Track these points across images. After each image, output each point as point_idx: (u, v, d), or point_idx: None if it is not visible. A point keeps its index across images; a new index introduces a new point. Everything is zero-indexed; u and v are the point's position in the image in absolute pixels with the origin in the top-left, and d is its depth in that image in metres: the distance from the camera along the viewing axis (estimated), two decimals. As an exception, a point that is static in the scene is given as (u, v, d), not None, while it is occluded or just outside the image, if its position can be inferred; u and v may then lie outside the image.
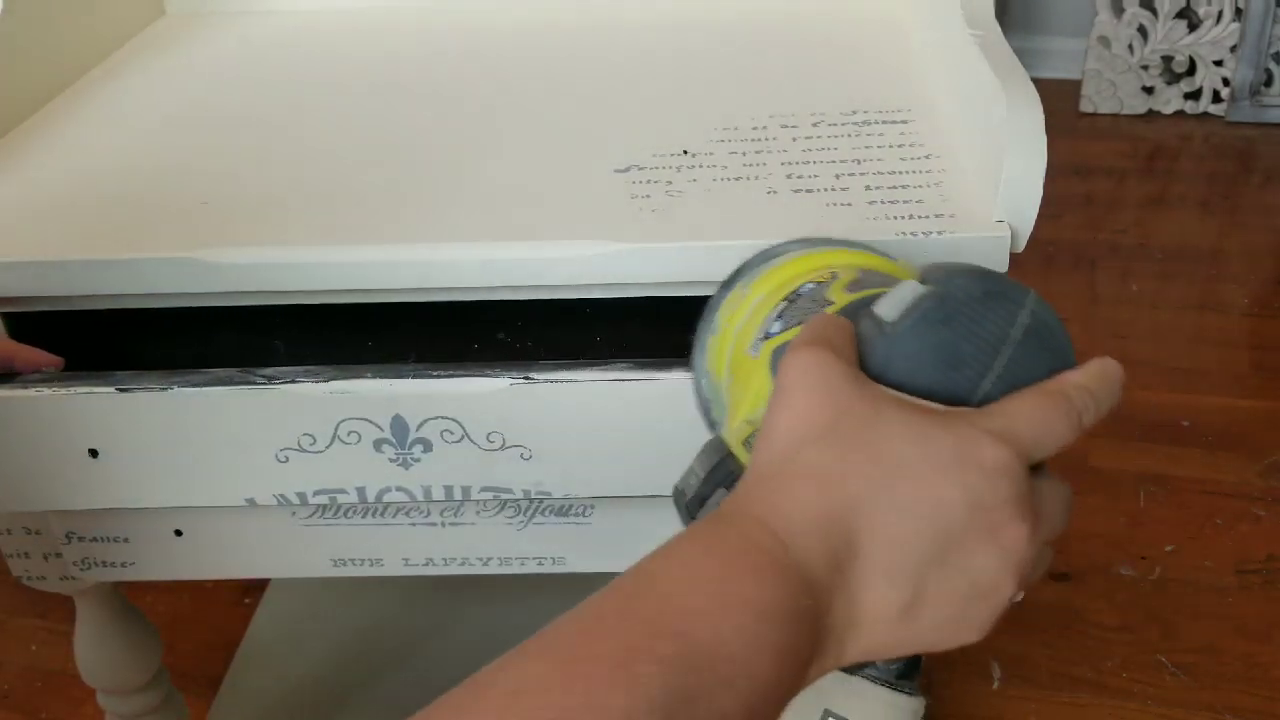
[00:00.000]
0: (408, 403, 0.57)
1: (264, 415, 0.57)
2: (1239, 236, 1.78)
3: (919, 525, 0.37)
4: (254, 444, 0.58)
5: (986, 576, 0.38)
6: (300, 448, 0.58)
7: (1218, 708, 1.02)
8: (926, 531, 0.37)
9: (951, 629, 0.39)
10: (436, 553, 0.67)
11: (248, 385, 0.57)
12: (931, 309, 0.42)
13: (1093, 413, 0.40)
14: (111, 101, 0.79)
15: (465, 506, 0.64)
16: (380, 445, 0.58)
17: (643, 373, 0.56)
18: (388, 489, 0.59)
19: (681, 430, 0.57)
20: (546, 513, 0.65)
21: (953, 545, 0.37)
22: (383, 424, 0.57)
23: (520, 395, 0.56)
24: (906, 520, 0.37)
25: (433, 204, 0.63)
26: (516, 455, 0.58)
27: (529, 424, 0.57)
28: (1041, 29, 2.30)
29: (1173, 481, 1.28)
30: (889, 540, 0.37)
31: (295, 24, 0.92)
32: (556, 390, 0.56)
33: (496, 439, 0.57)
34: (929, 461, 0.37)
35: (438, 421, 0.57)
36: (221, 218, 0.62)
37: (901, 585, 0.37)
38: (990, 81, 0.58)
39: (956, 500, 0.37)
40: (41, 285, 0.60)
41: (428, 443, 0.58)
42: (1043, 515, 0.39)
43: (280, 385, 0.57)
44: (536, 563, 0.66)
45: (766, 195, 0.61)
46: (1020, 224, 0.56)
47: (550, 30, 0.87)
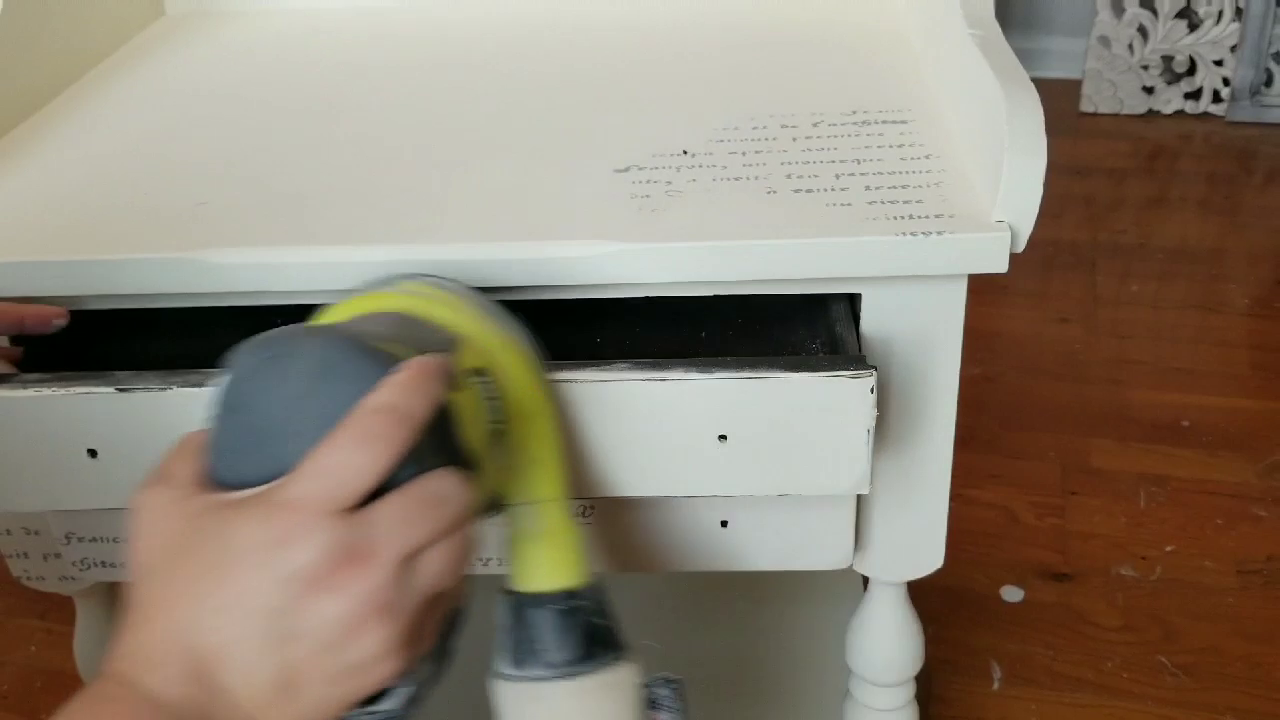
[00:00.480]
0: None
1: None
2: (1239, 237, 1.78)
3: (243, 619, 0.39)
4: None
5: (339, 624, 0.39)
6: None
7: (1218, 708, 1.02)
8: (253, 620, 0.39)
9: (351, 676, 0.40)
10: None
11: None
12: (224, 400, 0.43)
13: (397, 423, 0.41)
14: (111, 102, 0.79)
15: None
16: None
17: (642, 373, 0.56)
18: None
19: (681, 431, 0.57)
20: None
21: (285, 619, 0.39)
22: None
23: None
24: (231, 620, 0.39)
25: (433, 204, 0.63)
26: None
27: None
28: (1042, 29, 2.30)
29: (1173, 482, 1.28)
30: (229, 641, 0.39)
31: (295, 24, 0.92)
32: (556, 390, 0.56)
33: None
34: (231, 558, 0.39)
35: None
36: (221, 218, 0.62)
37: (262, 672, 0.39)
38: (990, 81, 0.58)
39: (264, 583, 0.39)
40: (41, 285, 0.60)
41: None
42: (376, 543, 0.40)
43: None
44: None
45: (766, 195, 0.61)
46: (1020, 224, 0.56)
47: (550, 30, 0.87)
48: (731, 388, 0.55)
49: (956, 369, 0.62)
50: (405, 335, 0.48)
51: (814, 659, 0.97)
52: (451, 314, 0.52)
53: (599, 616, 0.53)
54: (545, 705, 0.52)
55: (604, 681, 0.52)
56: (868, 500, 0.66)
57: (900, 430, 0.64)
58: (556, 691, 0.52)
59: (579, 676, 0.52)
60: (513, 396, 0.51)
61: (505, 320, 0.54)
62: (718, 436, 0.57)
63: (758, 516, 0.64)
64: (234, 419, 0.43)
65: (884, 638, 0.75)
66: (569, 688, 0.52)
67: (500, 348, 0.52)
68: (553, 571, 0.52)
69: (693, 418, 0.56)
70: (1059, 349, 1.51)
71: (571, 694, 0.52)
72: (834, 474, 0.58)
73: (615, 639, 0.54)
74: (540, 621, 0.52)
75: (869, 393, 0.55)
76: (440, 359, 0.44)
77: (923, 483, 0.66)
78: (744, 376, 0.55)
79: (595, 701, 0.52)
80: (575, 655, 0.52)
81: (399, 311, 0.51)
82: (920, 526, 0.67)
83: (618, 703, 0.52)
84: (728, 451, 0.57)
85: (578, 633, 0.52)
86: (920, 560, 0.69)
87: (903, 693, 0.77)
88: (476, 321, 0.52)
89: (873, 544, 0.68)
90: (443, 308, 0.52)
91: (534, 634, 0.52)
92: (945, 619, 1.11)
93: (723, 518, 0.65)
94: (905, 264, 0.57)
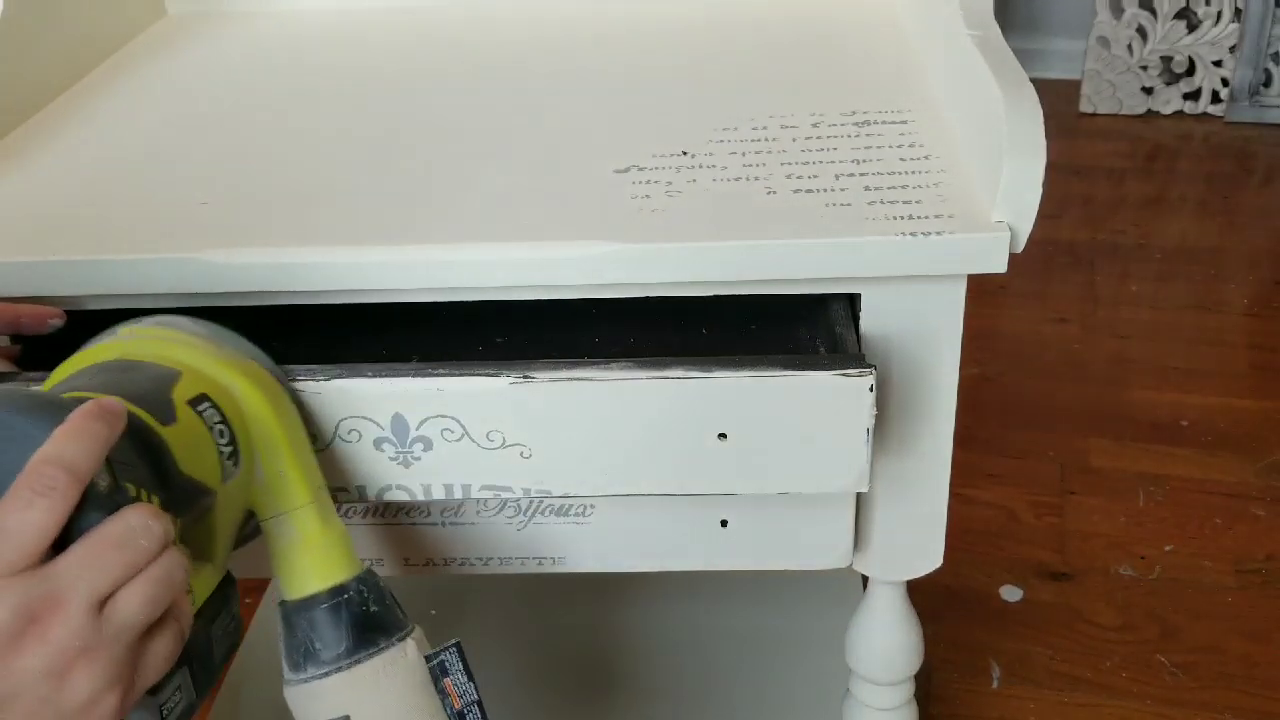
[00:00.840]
0: (408, 401, 0.57)
1: None
2: (1238, 237, 1.78)
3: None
4: None
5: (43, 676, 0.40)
6: None
7: (1217, 707, 1.02)
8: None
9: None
10: (436, 553, 0.67)
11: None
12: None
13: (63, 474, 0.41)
14: (113, 102, 0.79)
15: (465, 506, 0.65)
16: (380, 444, 0.58)
17: (642, 372, 0.56)
18: (388, 488, 0.59)
19: (680, 430, 0.57)
20: (546, 512, 0.65)
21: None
22: (383, 423, 0.57)
23: (520, 394, 0.56)
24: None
25: (433, 204, 0.63)
26: (516, 454, 0.58)
27: (528, 423, 0.57)
28: (1041, 29, 2.30)
29: (1172, 481, 1.28)
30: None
31: (296, 24, 0.92)
32: (556, 389, 0.56)
33: (496, 438, 0.57)
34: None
35: (438, 420, 0.57)
36: (221, 218, 0.63)
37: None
38: (990, 82, 0.58)
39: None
40: (42, 285, 0.60)
41: (428, 441, 0.58)
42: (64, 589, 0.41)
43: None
44: (536, 562, 0.67)
45: (766, 195, 0.61)
46: (1020, 224, 0.56)
47: (550, 30, 0.87)
48: (731, 387, 0.55)
49: (956, 369, 0.62)
50: (118, 381, 0.49)
51: (814, 659, 0.97)
52: (165, 349, 0.53)
53: (371, 604, 0.54)
54: (326, 701, 0.53)
55: (378, 665, 0.53)
56: (867, 500, 0.66)
57: (900, 430, 0.64)
58: (334, 685, 0.53)
59: (353, 666, 0.53)
60: (246, 415, 0.52)
61: (236, 343, 0.55)
62: (718, 435, 0.57)
63: (757, 516, 0.65)
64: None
65: (883, 637, 0.75)
66: (344, 679, 0.53)
67: (223, 371, 0.53)
68: (314, 574, 0.54)
69: (693, 417, 0.56)
70: (1058, 349, 1.52)
71: (348, 684, 0.53)
72: (834, 473, 0.58)
73: (391, 622, 0.55)
74: (308, 624, 0.53)
75: (868, 391, 0.55)
76: (106, 400, 0.45)
77: (922, 482, 0.66)
78: (744, 376, 0.55)
79: (374, 685, 0.53)
80: (346, 647, 0.53)
81: (116, 359, 0.52)
82: (920, 526, 0.67)
83: (399, 681, 0.53)
84: (727, 450, 0.57)
85: (345, 625, 0.53)
86: (920, 559, 0.69)
87: (902, 692, 0.78)
88: (197, 351, 0.53)
89: (872, 543, 0.68)
90: (157, 344, 0.53)
91: (306, 637, 0.53)
92: (944, 618, 1.11)
93: (723, 517, 0.65)
94: (905, 264, 0.57)
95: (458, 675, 0.54)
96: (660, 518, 0.65)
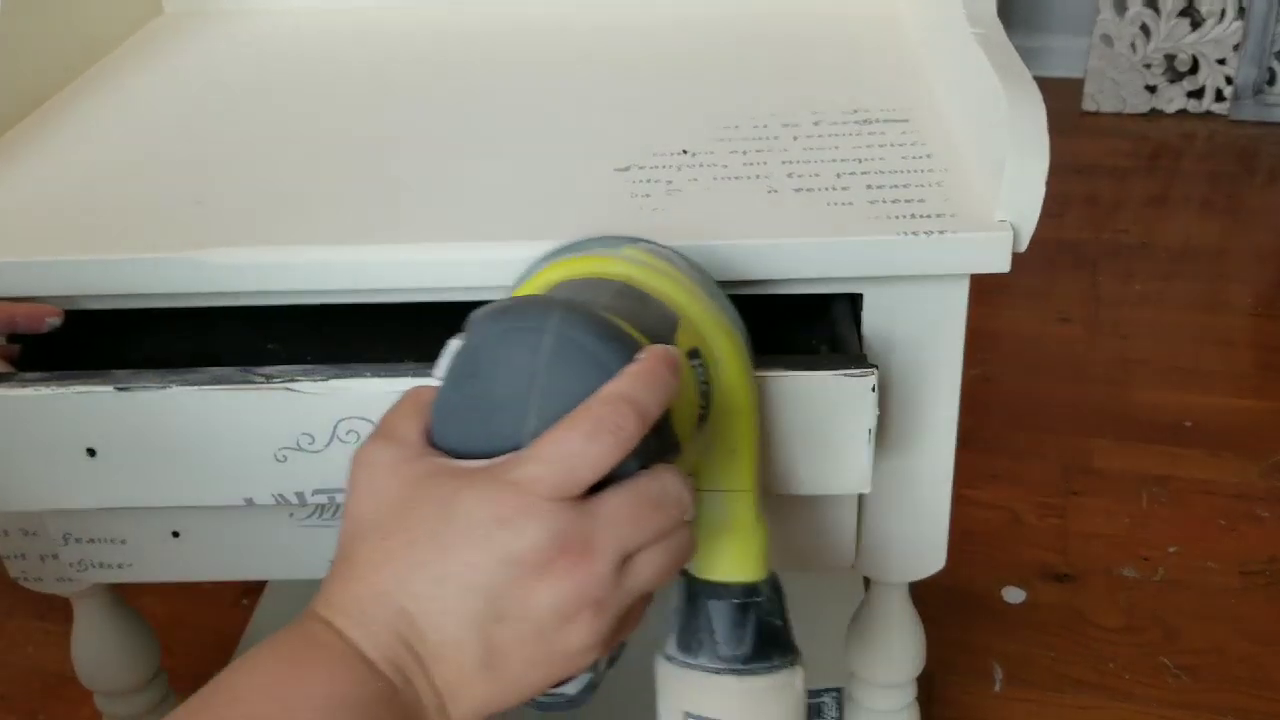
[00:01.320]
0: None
1: (263, 415, 0.57)
2: (1242, 236, 1.78)
3: (460, 592, 0.39)
4: (252, 443, 0.58)
5: (552, 613, 0.39)
6: (299, 447, 0.58)
7: (1221, 709, 1.02)
8: (470, 595, 0.39)
9: (553, 663, 0.41)
10: None
11: (247, 385, 0.57)
12: (459, 364, 0.42)
13: (633, 417, 0.40)
14: (109, 101, 0.79)
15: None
16: None
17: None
18: None
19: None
20: None
21: (501, 599, 0.39)
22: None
23: None
24: (448, 591, 0.39)
25: (432, 204, 0.62)
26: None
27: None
28: (1044, 27, 2.29)
29: (1175, 482, 1.28)
30: (439, 612, 0.39)
31: (293, 23, 0.91)
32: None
33: None
34: (454, 529, 0.39)
35: None
36: (219, 218, 0.62)
37: (468, 647, 0.39)
38: (992, 80, 0.57)
39: (485, 560, 0.39)
40: (40, 284, 0.60)
41: None
42: (598, 537, 0.40)
43: (279, 384, 0.57)
44: None
45: (767, 194, 0.61)
46: (1022, 223, 0.56)
47: (549, 30, 0.87)
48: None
49: (958, 369, 0.62)
50: (627, 309, 0.46)
51: (814, 659, 0.97)
52: (672, 288, 0.50)
53: (774, 616, 0.52)
54: (710, 696, 0.51)
55: (772, 683, 0.51)
56: (869, 501, 0.66)
57: (902, 430, 0.64)
58: (724, 685, 0.51)
59: (748, 675, 0.51)
60: (721, 383, 0.50)
61: (721, 299, 0.52)
62: None
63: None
64: (468, 385, 0.42)
65: (885, 639, 0.74)
66: (736, 684, 0.51)
67: (715, 329, 0.50)
68: (735, 565, 0.51)
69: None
70: (1061, 349, 1.51)
71: (738, 690, 0.51)
72: (835, 473, 0.57)
73: (787, 641, 0.53)
74: (716, 613, 0.51)
75: (870, 391, 0.55)
76: (674, 352, 0.43)
77: (924, 483, 0.66)
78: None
79: (760, 702, 0.51)
80: (746, 652, 0.51)
81: (621, 280, 0.49)
82: (922, 527, 0.67)
83: (783, 706, 0.52)
84: None
85: (751, 629, 0.51)
86: (922, 561, 0.69)
87: (904, 694, 0.77)
88: (694, 299, 0.50)
89: (874, 545, 0.68)
90: (663, 280, 0.50)
91: (708, 624, 0.51)
92: (946, 620, 1.11)
93: None
94: (907, 264, 0.57)
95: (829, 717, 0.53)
96: None
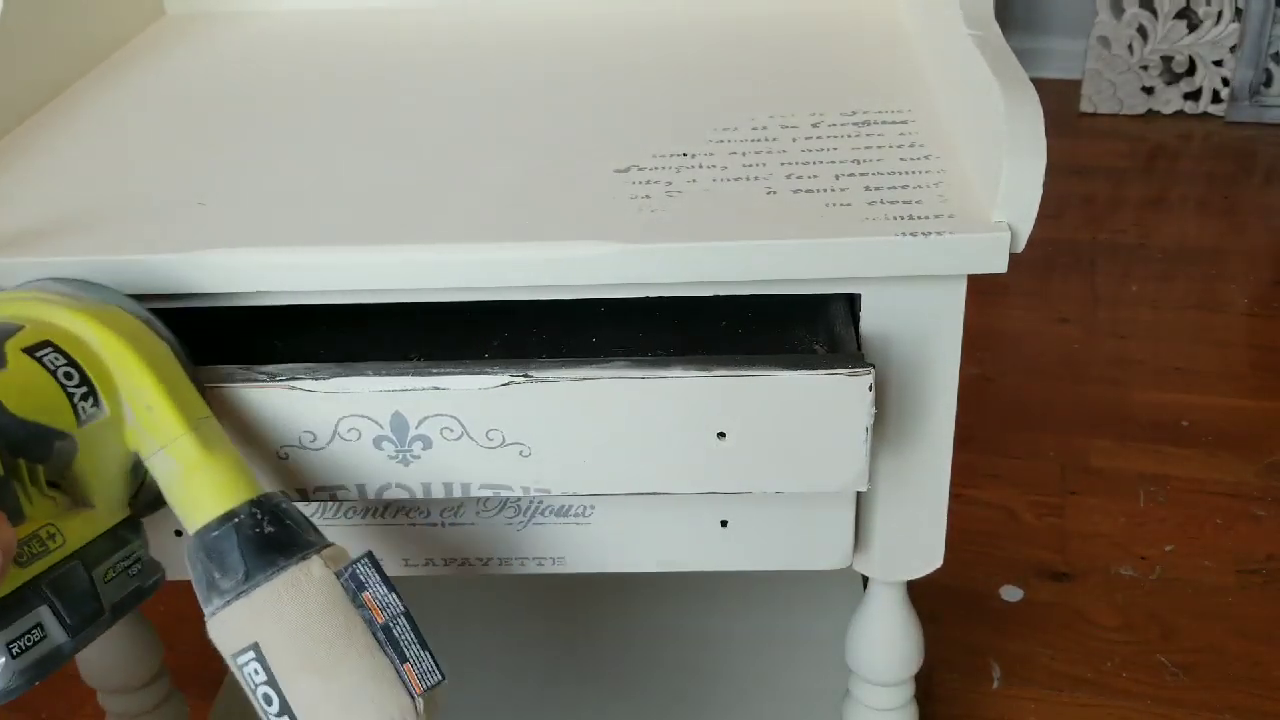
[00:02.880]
0: (407, 400, 0.57)
1: (265, 412, 0.57)
2: (1239, 237, 1.78)
3: None
4: (255, 441, 0.58)
5: None
6: (300, 445, 0.58)
7: (1218, 708, 1.02)
8: None
9: None
10: (436, 553, 0.67)
11: (249, 383, 0.57)
12: None
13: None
14: (111, 102, 0.79)
15: (465, 507, 0.65)
16: (380, 442, 0.58)
17: (641, 371, 0.56)
18: (387, 486, 0.59)
19: (679, 428, 0.57)
20: (546, 513, 0.65)
21: None
22: (382, 421, 0.57)
23: (519, 393, 0.56)
24: None
25: (432, 204, 0.63)
26: (515, 453, 0.58)
27: (527, 421, 0.57)
28: (1041, 29, 2.30)
29: (1172, 481, 1.28)
30: None
31: (294, 24, 0.92)
32: (555, 389, 0.56)
33: (496, 436, 0.57)
34: None
35: (437, 419, 0.57)
36: (220, 218, 0.63)
37: None
38: (990, 82, 0.58)
39: None
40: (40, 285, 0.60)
41: (427, 440, 0.58)
42: None
43: (282, 383, 0.57)
44: (536, 563, 0.67)
45: (766, 195, 0.61)
46: (1020, 224, 0.56)
47: (550, 30, 0.87)
48: (730, 385, 0.55)
49: (956, 368, 0.62)
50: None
51: (814, 659, 0.97)
52: (28, 308, 0.54)
53: (267, 525, 0.52)
54: (232, 630, 0.51)
55: (278, 586, 0.51)
56: (868, 500, 0.66)
57: (900, 430, 0.64)
58: (235, 613, 0.51)
59: (251, 590, 0.51)
60: (101, 359, 0.52)
61: (100, 294, 0.56)
62: (717, 434, 0.57)
63: (757, 516, 0.65)
64: None
65: (884, 637, 0.75)
66: (244, 605, 0.51)
67: (76, 318, 0.53)
68: (203, 504, 0.52)
69: (692, 415, 0.56)
70: (1059, 349, 1.52)
71: (248, 609, 0.51)
72: (833, 471, 0.58)
73: (291, 542, 0.52)
74: (205, 555, 0.52)
75: (867, 390, 0.55)
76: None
77: (923, 482, 0.66)
78: (743, 374, 0.55)
79: (276, 608, 0.51)
80: (244, 572, 0.51)
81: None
82: (920, 526, 0.67)
83: (308, 601, 0.51)
84: (726, 449, 0.57)
85: (239, 550, 0.51)
86: (920, 560, 0.69)
87: (902, 692, 0.77)
88: (53, 306, 0.54)
89: (873, 543, 0.68)
90: (20, 305, 0.54)
91: (205, 569, 0.52)
92: (945, 618, 1.11)
93: (723, 517, 0.65)
94: (905, 264, 0.57)
95: (376, 588, 0.52)
96: (660, 519, 0.65)
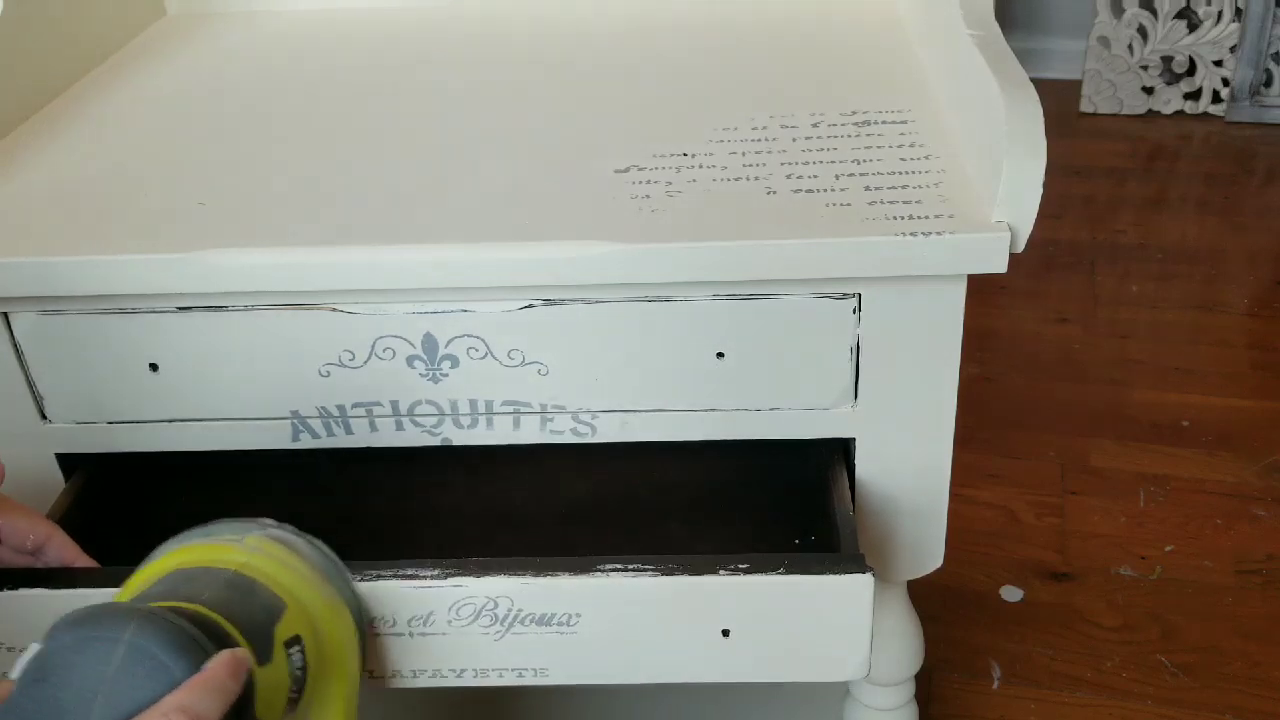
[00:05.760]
0: (437, 322, 0.61)
1: (309, 333, 0.62)
2: (1238, 237, 1.78)
3: None
4: (299, 360, 0.63)
5: None
6: (340, 363, 0.63)
7: (1218, 708, 1.02)
8: None
9: None
10: (405, 665, 0.60)
11: (295, 306, 0.61)
12: (31, 669, 0.44)
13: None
14: (112, 102, 0.79)
15: (435, 616, 0.58)
16: (412, 361, 0.62)
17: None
18: (418, 402, 0.64)
19: (685, 349, 0.61)
20: (526, 621, 0.58)
21: None
22: (415, 341, 0.62)
23: (538, 315, 0.60)
24: None
25: (433, 204, 0.63)
26: (534, 371, 0.62)
27: (546, 342, 0.61)
28: (1041, 29, 2.30)
29: (1172, 481, 1.28)
30: None
31: (295, 24, 0.92)
32: (571, 311, 0.60)
33: (517, 356, 0.62)
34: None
35: (464, 339, 0.61)
36: (220, 218, 0.63)
37: None
38: (990, 82, 0.58)
39: None
40: (40, 285, 0.60)
41: (455, 359, 0.62)
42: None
43: (324, 305, 0.61)
44: (516, 674, 0.60)
45: (766, 195, 0.61)
46: (1020, 224, 0.56)
47: (550, 31, 0.87)
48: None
49: (956, 368, 0.62)
50: (231, 600, 0.50)
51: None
52: (285, 576, 0.53)
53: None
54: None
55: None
56: (868, 500, 0.66)
57: (900, 429, 0.64)
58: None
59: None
60: (322, 659, 0.53)
61: (341, 579, 0.56)
62: (715, 354, 0.62)
63: (761, 624, 0.58)
64: (36, 690, 0.44)
65: (884, 637, 0.75)
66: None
67: (325, 613, 0.53)
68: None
69: (696, 337, 0.61)
70: (1058, 349, 1.51)
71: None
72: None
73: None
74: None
75: (851, 314, 0.55)
76: (241, 657, 0.46)
77: (922, 483, 0.66)
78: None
79: None
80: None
81: (235, 569, 0.52)
82: (920, 526, 0.67)
83: None
84: (725, 368, 0.61)
85: None
86: (920, 560, 0.69)
87: (902, 692, 0.78)
88: (307, 584, 0.53)
89: (873, 543, 0.68)
90: (279, 568, 0.53)
91: None
92: (945, 618, 1.11)
93: (723, 626, 0.58)
94: (905, 264, 0.57)
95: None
96: (654, 627, 0.58)
